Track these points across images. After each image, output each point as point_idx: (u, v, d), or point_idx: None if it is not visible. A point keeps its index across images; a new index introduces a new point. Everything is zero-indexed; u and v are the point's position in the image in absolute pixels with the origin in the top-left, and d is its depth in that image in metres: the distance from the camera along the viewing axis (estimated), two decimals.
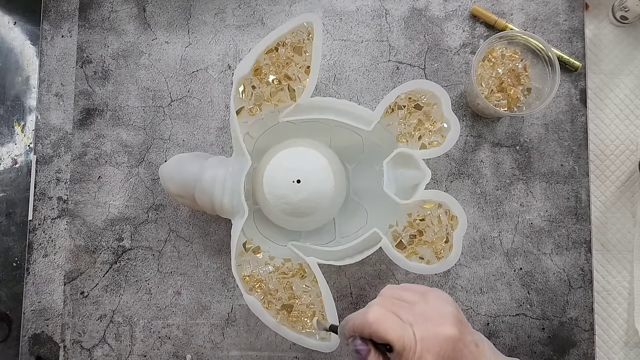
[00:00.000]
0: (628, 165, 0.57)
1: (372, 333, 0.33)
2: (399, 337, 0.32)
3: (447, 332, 0.33)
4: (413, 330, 0.33)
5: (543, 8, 0.57)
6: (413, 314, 0.33)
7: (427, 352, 0.32)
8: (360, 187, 0.53)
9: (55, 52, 0.59)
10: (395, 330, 0.32)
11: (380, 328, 0.33)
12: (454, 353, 0.33)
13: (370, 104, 0.57)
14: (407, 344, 0.32)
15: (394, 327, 0.33)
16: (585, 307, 0.55)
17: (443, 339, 0.33)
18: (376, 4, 0.58)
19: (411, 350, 0.32)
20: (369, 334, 0.33)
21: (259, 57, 0.48)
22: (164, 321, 0.56)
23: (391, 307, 0.34)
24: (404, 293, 0.36)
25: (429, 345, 0.32)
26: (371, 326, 0.33)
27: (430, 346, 0.32)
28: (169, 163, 0.51)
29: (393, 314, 0.33)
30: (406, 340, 0.32)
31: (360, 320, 0.34)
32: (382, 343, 0.33)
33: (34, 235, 0.57)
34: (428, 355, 0.32)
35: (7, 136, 0.59)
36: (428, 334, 0.32)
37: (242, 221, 0.47)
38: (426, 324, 0.33)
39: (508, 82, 0.52)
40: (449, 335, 0.33)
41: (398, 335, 0.32)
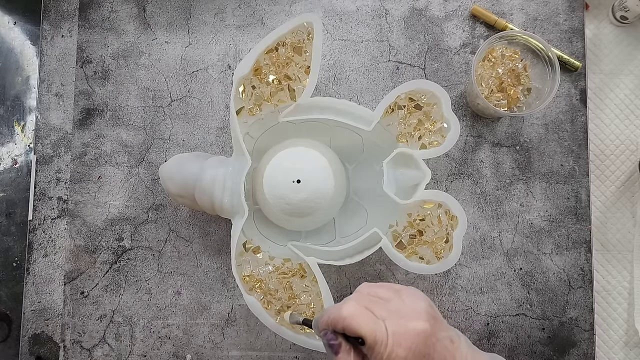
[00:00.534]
0: (628, 165, 0.57)
1: (345, 327, 0.34)
2: (371, 331, 0.33)
3: (418, 327, 0.34)
4: (385, 325, 0.33)
5: (543, 8, 0.57)
6: (387, 310, 0.34)
7: (398, 347, 0.33)
8: (360, 187, 0.53)
9: (55, 52, 0.59)
10: (368, 324, 0.33)
11: (353, 322, 0.33)
12: (425, 348, 0.33)
13: (370, 104, 0.57)
14: (379, 338, 0.33)
15: (367, 321, 0.33)
16: (585, 307, 0.55)
17: (415, 333, 0.33)
18: (376, 4, 0.58)
19: (382, 344, 0.33)
20: (342, 327, 0.34)
21: (259, 57, 0.48)
22: (164, 321, 0.56)
23: (366, 303, 0.35)
24: (379, 290, 0.36)
25: (400, 339, 0.33)
26: (344, 320, 0.34)
27: (402, 341, 0.33)
28: (169, 163, 0.51)
29: (367, 310, 0.34)
30: (378, 334, 0.33)
31: (335, 315, 0.35)
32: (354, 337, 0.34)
33: (34, 235, 0.57)
34: (399, 349, 0.33)
35: (7, 136, 0.59)
36: (400, 328, 0.33)
37: (242, 221, 0.47)
38: (399, 320, 0.34)
39: (508, 82, 0.52)
40: (421, 330, 0.33)
41: (370, 330, 0.33)
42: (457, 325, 0.55)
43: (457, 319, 0.55)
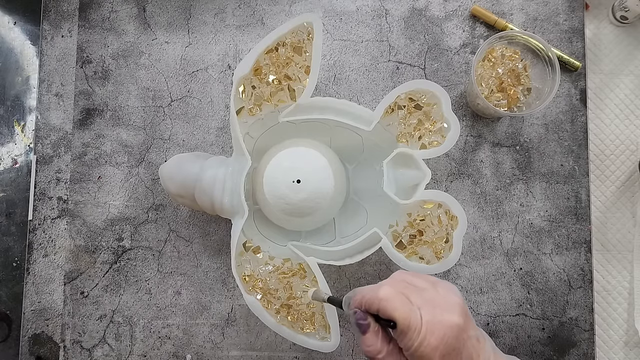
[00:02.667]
0: (628, 165, 0.57)
1: (381, 309, 0.34)
2: (405, 317, 0.33)
3: (453, 320, 0.33)
4: (420, 313, 0.33)
5: (543, 8, 0.57)
6: (422, 299, 0.34)
7: (431, 335, 0.33)
8: (360, 187, 0.53)
9: (55, 52, 0.59)
10: (403, 309, 0.33)
11: (389, 305, 0.34)
12: (456, 342, 0.33)
13: (370, 104, 0.57)
14: (413, 325, 0.33)
15: (402, 306, 0.33)
16: (585, 307, 0.55)
17: (448, 325, 0.33)
18: (376, 4, 0.58)
19: (416, 331, 0.33)
20: (377, 309, 0.34)
21: (259, 57, 0.48)
22: (164, 321, 0.56)
23: (402, 289, 0.35)
24: (415, 279, 0.36)
25: (434, 329, 0.33)
26: (381, 302, 0.34)
27: (435, 330, 0.33)
28: (169, 163, 0.51)
29: (403, 295, 0.34)
30: (412, 320, 0.33)
31: (371, 295, 0.35)
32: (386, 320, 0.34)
33: (34, 235, 0.57)
34: (432, 338, 0.33)
35: (7, 136, 0.59)
36: (434, 318, 0.33)
37: (242, 221, 0.47)
38: (434, 310, 0.34)
39: (508, 82, 0.52)
40: (455, 323, 0.33)
41: (405, 315, 0.33)
42: None
43: None
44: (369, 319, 0.35)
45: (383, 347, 0.35)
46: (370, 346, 0.35)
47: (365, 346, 0.35)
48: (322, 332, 0.48)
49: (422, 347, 0.33)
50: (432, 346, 0.33)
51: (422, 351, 0.33)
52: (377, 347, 0.35)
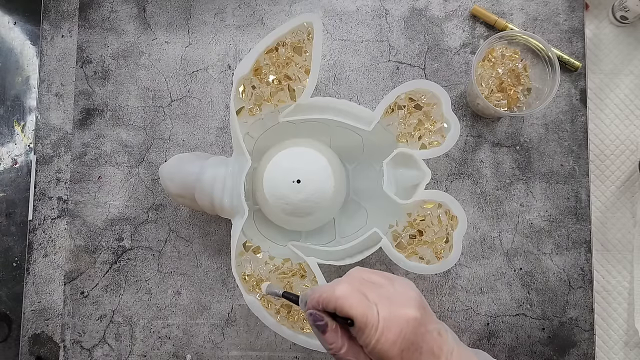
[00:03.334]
0: (628, 165, 0.57)
1: (338, 307, 0.34)
2: (363, 314, 0.33)
3: (410, 314, 0.34)
4: (377, 309, 0.34)
5: (543, 8, 0.57)
6: (379, 295, 0.35)
7: (388, 331, 0.33)
8: (360, 187, 0.53)
9: (55, 52, 0.59)
10: (360, 306, 0.34)
11: (346, 303, 0.34)
12: (414, 336, 0.34)
13: (370, 104, 0.57)
14: (370, 321, 0.33)
15: (359, 303, 0.34)
16: (585, 307, 0.55)
17: (405, 320, 0.34)
18: (376, 4, 0.58)
19: (373, 328, 0.33)
20: (333, 307, 0.34)
21: (259, 57, 0.48)
22: (164, 321, 0.56)
23: (358, 286, 0.35)
24: (372, 276, 0.37)
25: (391, 324, 0.33)
26: (337, 300, 0.34)
27: (392, 326, 0.33)
28: (169, 163, 0.51)
29: (360, 292, 0.35)
30: (370, 317, 0.33)
31: (328, 294, 0.35)
32: (343, 318, 0.34)
33: (34, 235, 0.57)
34: (389, 334, 0.33)
35: (7, 136, 0.59)
36: (391, 314, 0.34)
37: (242, 221, 0.47)
38: (390, 305, 0.34)
39: (508, 82, 0.52)
40: (412, 317, 0.34)
41: (362, 312, 0.33)
42: (457, 325, 0.55)
43: (457, 319, 0.55)
44: (325, 319, 0.35)
45: (344, 343, 0.35)
46: (332, 344, 0.35)
47: (327, 344, 0.35)
48: None
49: (380, 343, 0.33)
50: (390, 341, 0.33)
51: (380, 347, 0.33)
52: (338, 344, 0.35)
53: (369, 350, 0.34)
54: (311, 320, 0.36)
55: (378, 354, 0.33)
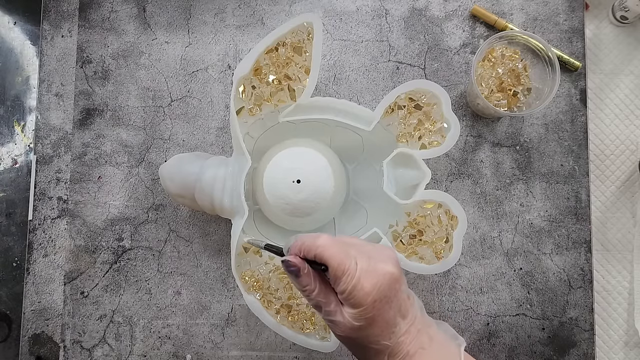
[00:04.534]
0: (628, 165, 0.57)
1: (317, 254, 0.36)
2: (341, 262, 0.35)
3: (387, 269, 0.36)
4: (356, 260, 0.36)
5: (543, 8, 0.57)
6: (359, 252, 0.37)
7: (365, 281, 0.35)
8: (360, 187, 0.53)
9: (55, 52, 0.59)
10: (339, 255, 0.36)
11: (325, 252, 0.36)
12: (388, 290, 0.36)
13: (370, 104, 0.57)
14: (347, 269, 0.35)
15: (338, 253, 0.36)
16: (585, 307, 0.55)
17: (382, 273, 0.36)
18: (376, 4, 0.58)
19: (350, 276, 0.35)
20: (314, 255, 0.37)
21: (259, 57, 0.48)
22: (164, 321, 0.56)
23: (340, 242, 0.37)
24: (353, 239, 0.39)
25: (368, 275, 0.35)
26: (318, 248, 0.36)
27: (369, 277, 0.35)
28: (169, 163, 0.51)
29: (341, 246, 0.37)
30: (347, 266, 0.35)
31: (310, 242, 0.37)
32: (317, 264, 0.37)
33: (34, 235, 0.57)
34: (366, 284, 0.35)
35: (7, 136, 0.59)
36: (369, 266, 0.36)
37: (242, 221, 0.47)
38: (369, 260, 0.36)
39: (508, 82, 0.52)
40: (389, 271, 0.36)
41: (341, 260, 0.35)
42: (457, 325, 0.55)
43: (457, 319, 0.55)
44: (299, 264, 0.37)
45: (316, 286, 0.37)
46: (306, 286, 0.37)
47: (301, 287, 0.37)
48: (322, 332, 0.48)
49: (356, 290, 0.35)
50: (365, 291, 0.35)
51: (355, 294, 0.35)
52: (311, 286, 0.37)
53: (343, 297, 0.36)
54: (285, 266, 0.38)
55: (352, 300, 0.35)
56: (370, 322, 0.35)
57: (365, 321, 0.35)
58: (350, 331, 0.36)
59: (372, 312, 0.35)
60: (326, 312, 0.37)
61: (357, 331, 0.36)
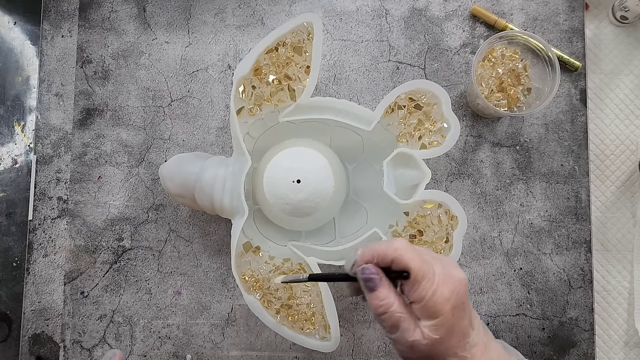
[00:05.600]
0: (628, 165, 0.57)
1: (396, 258, 0.34)
2: (420, 266, 0.34)
3: (461, 275, 0.35)
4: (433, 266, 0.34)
5: (543, 8, 0.57)
6: (431, 256, 0.35)
7: (444, 286, 0.33)
8: (360, 187, 0.53)
9: (55, 52, 0.59)
10: (418, 259, 0.34)
11: (405, 255, 0.34)
12: (464, 296, 0.34)
13: (370, 104, 0.57)
14: (428, 274, 0.34)
15: (417, 257, 0.34)
16: (585, 307, 0.55)
17: (458, 279, 0.34)
18: (376, 4, 0.58)
19: (429, 281, 0.33)
20: (391, 259, 0.34)
21: (259, 57, 0.48)
22: (164, 321, 0.56)
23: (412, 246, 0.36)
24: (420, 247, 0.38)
25: (445, 281, 0.34)
26: (396, 251, 0.34)
27: (447, 282, 0.34)
28: (169, 163, 0.51)
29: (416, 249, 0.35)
30: (427, 270, 0.34)
31: (384, 247, 0.35)
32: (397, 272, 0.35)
33: (34, 235, 0.57)
34: (445, 290, 0.33)
35: (7, 136, 0.59)
36: (445, 271, 0.34)
37: (242, 221, 0.47)
38: (443, 265, 0.35)
39: (508, 82, 0.52)
40: (462, 277, 0.35)
41: (420, 265, 0.34)
42: None
43: None
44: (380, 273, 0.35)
45: (395, 300, 0.34)
46: (383, 300, 0.34)
47: (378, 301, 0.34)
48: (322, 332, 0.48)
49: (436, 296, 0.33)
50: (444, 297, 0.33)
51: (435, 300, 0.33)
52: (390, 299, 0.34)
53: (422, 305, 0.33)
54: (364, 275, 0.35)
55: (432, 308, 0.33)
56: (449, 333, 0.34)
57: (444, 332, 0.33)
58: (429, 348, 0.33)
59: (451, 321, 0.33)
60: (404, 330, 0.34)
61: (436, 345, 0.33)
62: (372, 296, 0.35)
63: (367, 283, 0.35)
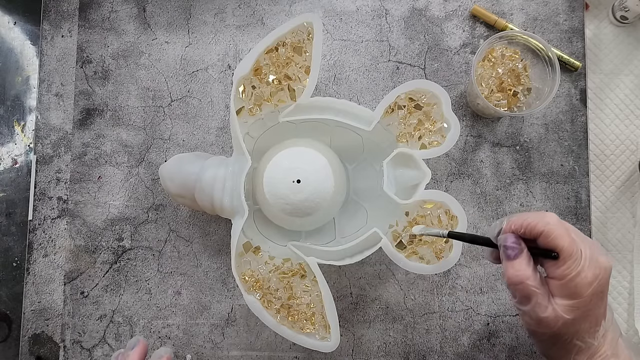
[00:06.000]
0: (628, 165, 0.57)
1: (546, 232, 0.33)
2: (570, 244, 0.33)
3: (607, 262, 0.34)
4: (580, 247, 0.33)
5: (543, 8, 0.57)
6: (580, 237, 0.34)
7: (588, 269, 0.33)
8: (360, 187, 0.53)
9: (55, 52, 0.59)
10: (567, 237, 0.33)
11: (556, 230, 0.33)
12: (605, 284, 0.33)
13: (370, 104, 0.57)
14: (575, 254, 0.33)
15: (567, 234, 0.33)
16: None
17: (604, 266, 0.33)
18: (376, 4, 0.58)
19: (576, 261, 0.33)
20: (540, 232, 0.34)
21: (259, 57, 0.48)
22: (164, 321, 0.56)
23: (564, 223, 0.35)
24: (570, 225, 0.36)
25: (591, 265, 0.33)
26: (547, 225, 0.33)
27: (592, 267, 0.33)
28: (169, 163, 0.51)
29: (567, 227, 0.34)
30: (575, 250, 0.33)
31: (535, 218, 0.34)
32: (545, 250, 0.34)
33: (34, 235, 0.57)
34: (589, 273, 0.33)
35: (7, 136, 0.59)
36: (592, 256, 0.33)
37: (242, 221, 0.47)
38: (591, 249, 0.34)
39: (508, 82, 0.52)
40: (607, 265, 0.34)
41: (570, 243, 0.33)
42: (457, 325, 0.55)
43: (457, 319, 0.55)
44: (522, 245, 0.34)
45: (532, 274, 0.34)
46: (519, 270, 0.34)
47: (514, 270, 0.34)
48: (322, 332, 0.48)
49: (579, 277, 0.32)
50: (587, 280, 0.32)
51: (577, 282, 0.32)
52: (527, 272, 0.34)
53: (562, 283, 0.33)
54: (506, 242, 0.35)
55: (572, 288, 0.33)
56: (583, 317, 0.33)
57: (579, 314, 0.33)
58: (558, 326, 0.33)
59: (588, 306, 0.33)
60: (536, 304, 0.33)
61: (566, 326, 0.33)
62: (509, 265, 0.34)
63: (507, 251, 0.35)
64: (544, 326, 0.33)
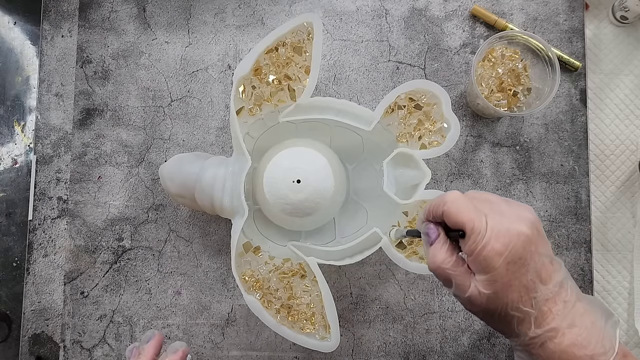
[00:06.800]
0: (628, 165, 0.57)
1: (445, 212, 0.34)
2: (469, 219, 0.32)
3: (520, 229, 0.32)
4: (486, 218, 0.33)
5: (543, 8, 0.57)
6: (490, 209, 0.33)
7: (495, 240, 0.32)
8: (360, 187, 0.53)
9: (55, 52, 0.59)
10: (467, 211, 0.33)
11: (453, 207, 0.33)
12: (523, 251, 0.32)
13: (370, 104, 0.57)
14: (477, 228, 0.32)
15: (467, 208, 0.33)
16: None
17: (515, 233, 0.32)
18: (376, 4, 0.58)
19: (480, 235, 0.32)
20: (441, 212, 0.34)
21: (259, 57, 0.48)
22: (164, 321, 0.56)
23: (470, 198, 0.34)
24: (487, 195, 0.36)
25: (498, 235, 0.32)
26: (445, 204, 0.34)
27: (501, 236, 0.32)
28: (169, 163, 0.51)
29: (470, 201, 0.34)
30: (477, 223, 0.32)
31: (437, 200, 0.34)
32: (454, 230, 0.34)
33: (34, 235, 0.57)
34: (496, 243, 0.32)
35: (7, 136, 0.59)
36: (501, 226, 0.32)
37: (242, 221, 0.47)
38: (501, 218, 0.33)
39: (508, 82, 0.52)
40: (521, 231, 0.32)
41: (469, 217, 0.33)
42: (457, 325, 0.55)
43: (457, 319, 0.55)
44: (439, 230, 0.35)
45: (446, 258, 0.34)
46: (435, 256, 0.34)
47: (431, 256, 0.34)
48: (322, 332, 0.48)
49: (486, 250, 0.32)
50: (495, 251, 0.32)
51: (485, 255, 0.32)
52: (440, 257, 0.34)
53: (472, 258, 0.33)
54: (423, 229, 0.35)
55: (482, 262, 0.32)
56: (506, 287, 0.32)
57: (498, 287, 0.32)
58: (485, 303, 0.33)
59: (506, 277, 0.32)
60: (457, 286, 0.34)
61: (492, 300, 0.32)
62: (428, 251, 0.35)
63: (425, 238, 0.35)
64: (473, 304, 0.33)
